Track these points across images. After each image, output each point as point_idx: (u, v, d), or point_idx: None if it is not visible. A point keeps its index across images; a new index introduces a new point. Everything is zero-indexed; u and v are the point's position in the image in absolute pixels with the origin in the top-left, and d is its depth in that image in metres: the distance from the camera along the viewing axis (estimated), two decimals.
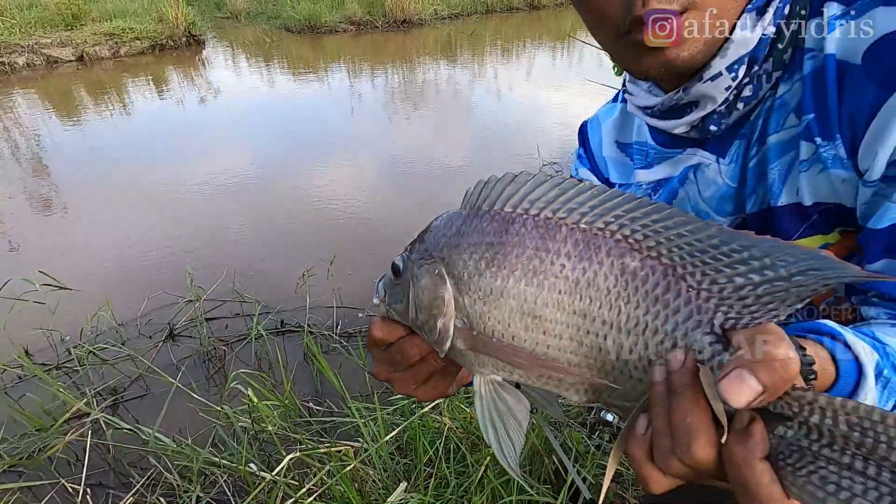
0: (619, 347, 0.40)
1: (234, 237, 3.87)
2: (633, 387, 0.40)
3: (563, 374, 0.42)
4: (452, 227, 0.46)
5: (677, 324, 0.38)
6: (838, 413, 0.33)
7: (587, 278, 0.40)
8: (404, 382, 0.52)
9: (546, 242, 0.41)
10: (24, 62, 8.51)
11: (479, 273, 0.43)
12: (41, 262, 3.56)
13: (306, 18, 10.97)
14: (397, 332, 0.50)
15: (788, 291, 0.35)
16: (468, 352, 0.45)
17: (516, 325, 0.42)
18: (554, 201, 0.42)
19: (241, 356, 2.71)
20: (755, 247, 0.37)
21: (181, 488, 1.84)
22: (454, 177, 4.77)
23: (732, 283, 0.37)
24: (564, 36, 10.33)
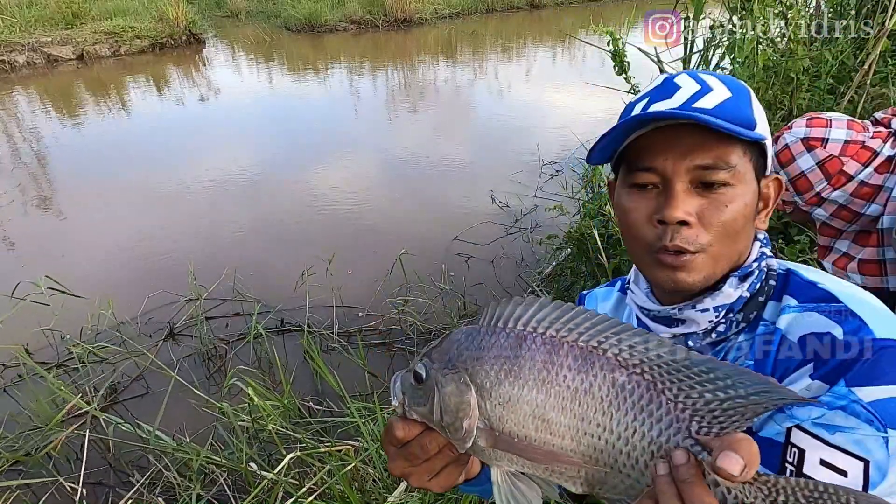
0: (611, 447, 0.48)
1: (234, 236, 3.87)
2: (622, 481, 0.49)
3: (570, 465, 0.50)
4: (474, 342, 0.54)
5: (661, 430, 0.47)
6: (796, 489, 0.42)
7: (584, 387, 0.49)
8: (420, 476, 0.59)
9: (552, 357, 0.50)
10: (25, 61, 8.51)
11: (499, 382, 0.51)
12: (41, 261, 3.56)
13: (306, 17, 10.97)
14: (416, 430, 0.56)
15: (747, 407, 0.45)
16: (488, 449, 0.53)
17: (529, 426, 0.51)
18: (557, 321, 0.51)
19: (240, 355, 2.72)
20: (719, 369, 0.47)
21: (181, 487, 1.84)
22: (455, 176, 4.77)
23: (703, 398, 0.46)
24: (565, 36, 10.32)
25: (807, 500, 0.42)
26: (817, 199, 1.34)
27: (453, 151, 5.26)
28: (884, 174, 1.27)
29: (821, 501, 0.42)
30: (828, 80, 2.44)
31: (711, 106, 0.70)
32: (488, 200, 4.17)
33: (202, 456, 1.83)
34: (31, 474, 2.06)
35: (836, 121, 1.31)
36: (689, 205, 0.70)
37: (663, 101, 0.72)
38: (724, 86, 0.74)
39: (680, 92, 0.73)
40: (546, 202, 3.99)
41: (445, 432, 0.54)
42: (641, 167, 0.73)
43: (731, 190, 0.70)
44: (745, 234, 0.73)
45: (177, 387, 2.18)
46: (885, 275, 1.31)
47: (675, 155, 0.70)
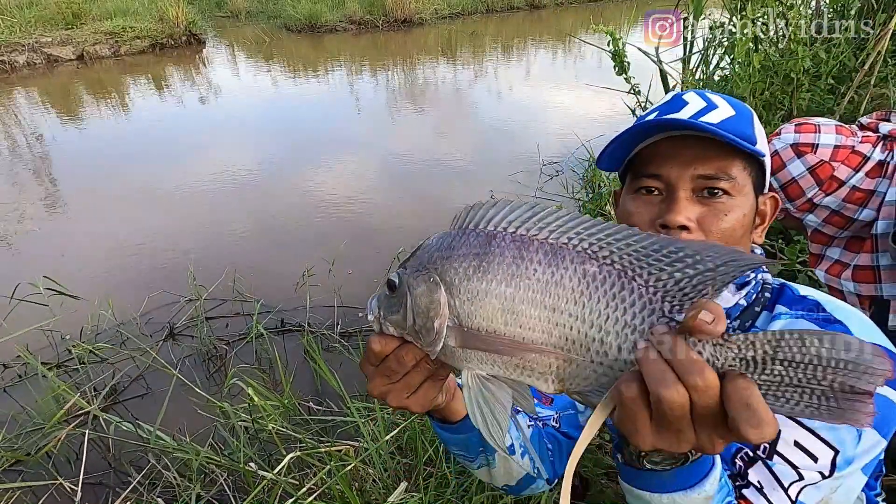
0: (583, 336, 0.49)
1: (234, 236, 3.87)
2: (595, 370, 0.49)
3: (538, 353, 0.50)
4: (444, 243, 0.54)
5: (635, 313, 0.48)
6: (763, 342, 0.44)
7: (555, 280, 0.49)
8: (398, 393, 0.59)
9: (521, 252, 0.50)
10: (25, 61, 8.51)
11: (467, 278, 0.51)
12: (41, 261, 3.56)
13: (307, 17, 10.97)
14: (393, 343, 0.56)
15: (715, 278, 0.47)
16: (458, 348, 0.53)
17: (498, 320, 0.51)
18: (527, 221, 0.52)
19: (241, 355, 2.71)
20: (687, 247, 0.48)
21: (181, 487, 1.84)
22: (455, 176, 4.77)
23: (673, 278, 0.48)
24: (565, 36, 10.32)
25: (774, 349, 0.44)
26: (809, 204, 1.34)
27: (453, 151, 5.26)
28: (875, 178, 1.27)
29: (787, 348, 0.43)
30: (828, 81, 2.44)
31: (716, 121, 0.76)
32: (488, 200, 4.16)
33: (202, 456, 1.83)
34: (31, 474, 2.06)
35: (825, 126, 1.31)
36: (690, 211, 0.74)
37: (672, 115, 0.78)
38: (729, 105, 0.79)
39: (687, 107, 0.78)
40: (546, 202, 3.97)
41: (418, 338, 0.54)
42: (648, 173, 0.78)
43: (731, 200, 0.75)
44: (743, 244, 0.77)
45: (177, 387, 2.18)
46: (880, 282, 1.31)
47: (680, 163, 0.76)
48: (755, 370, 0.44)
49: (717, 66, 3.08)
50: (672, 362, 0.45)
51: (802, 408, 0.44)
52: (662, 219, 0.75)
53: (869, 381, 0.42)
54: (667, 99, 0.83)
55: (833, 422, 0.43)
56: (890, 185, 1.24)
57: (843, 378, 0.42)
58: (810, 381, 0.43)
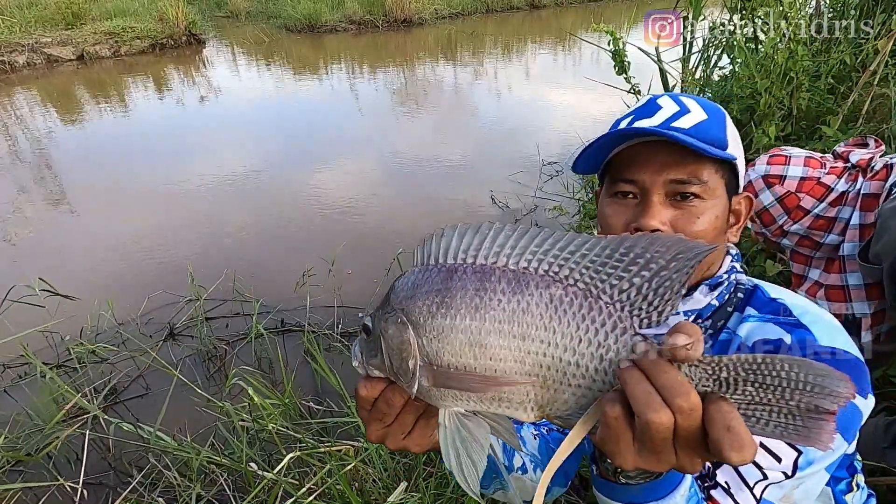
0: (557, 361, 0.48)
1: (234, 236, 3.87)
2: (573, 393, 0.49)
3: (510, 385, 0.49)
4: (408, 283, 0.54)
5: (606, 333, 0.48)
6: (737, 364, 0.45)
7: (521, 307, 0.49)
8: (395, 436, 0.59)
9: (483, 283, 0.50)
10: (25, 61, 8.51)
11: (431, 315, 0.51)
12: (39, 261, 3.56)
13: (306, 18, 10.97)
14: (379, 386, 0.56)
15: (672, 279, 0.47)
16: (432, 388, 0.52)
17: (467, 355, 0.50)
18: (483, 248, 0.51)
19: (241, 355, 2.71)
20: (635, 246, 0.48)
21: (181, 487, 1.84)
22: (455, 176, 4.77)
23: (633, 285, 0.48)
24: (565, 35, 10.32)
25: (746, 372, 0.44)
26: (780, 231, 1.49)
27: (453, 151, 5.26)
28: (837, 207, 1.40)
29: (758, 371, 0.44)
30: (828, 80, 2.44)
31: (688, 126, 0.78)
32: (488, 200, 4.17)
33: (202, 456, 1.83)
34: (32, 474, 2.06)
35: (795, 157, 1.45)
36: (663, 215, 0.76)
37: (645, 119, 0.80)
38: (701, 108, 0.81)
39: (661, 112, 0.80)
40: (546, 202, 3.99)
41: (398, 379, 0.53)
42: (623, 178, 0.80)
43: (703, 203, 0.77)
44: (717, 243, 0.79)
45: (177, 387, 2.18)
46: (850, 300, 1.42)
47: (653, 169, 0.77)
48: (727, 390, 0.45)
49: (715, 66, 3.08)
50: (657, 384, 0.45)
51: (772, 427, 0.45)
52: (637, 222, 0.77)
53: (833, 402, 0.43)
54: (642, 102, 0.85)
55: (799, 442, 0.45)
56: (854, 210, 1.35)
57: (809, 398, 0.43)
58: (779, 401, 0.44)
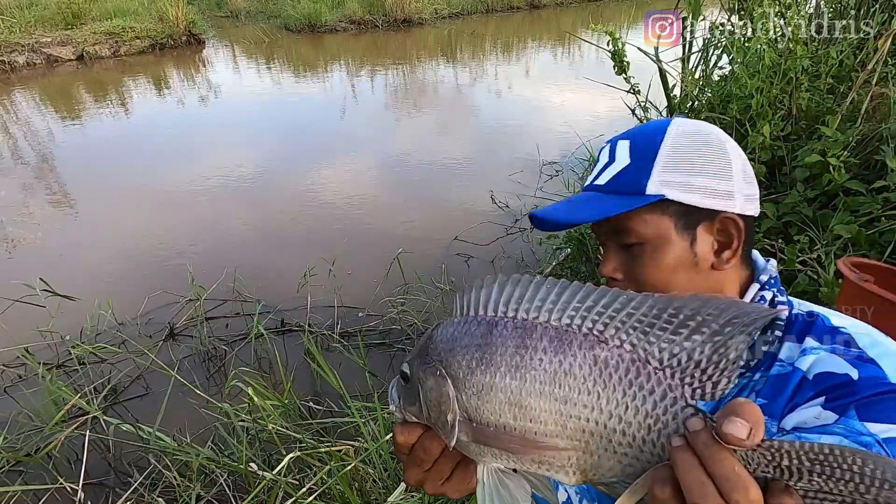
0: (602, 427, 0.46)
1: (234, 236, 3.87)
2: (619, 461, 0.47)
3: (550, 451, 0.48)
4: (447, 334, 0.53)
5: (655, 402, 0.45)
6: (800, 452, 0.41)
7: (564, 369, 0.47)
8: (433, 481, 0.58)
9: (525, 341, 0.48)
10: (25, 61, 8.51)
11: (471, 371, 0.50)
12: (41, 261, 3.57)
13: (306, 17, 10.97)
14: (416, 433, 0.55)
15: (727, 346, 0.44)
16: (471, 443, 0.51)
17: (506, 415, 0.49)
18: (525, 301, 0.50)
19: (241, 356, 2.72)
20: (685, 306, 0.45)
21: (181, 487, 1.84)
22: (455, 176, 4.77)
23: (684, 350, 0.45)
24: (564, 35, 10.31)
25: (811, 462, 0.41)
26: None
27: (453, 152, 5.26)
28: None
29: (826, 463, 0.40)
30: (827, 80, 2.44)
31: (604, 182, 0.78)
32: (488, 200, 4.17)
33: (202, 456, 1.83)
34: (32, 475, 2.06)
35: None
36: (613, 262, 0.76)
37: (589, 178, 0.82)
38: (628, 154, 0.78)
39: (596, 166, 0.81)
40: (546, 202, 3.99)
41: (437, 429, 0.53)
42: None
43: (648, 247, 0.75)
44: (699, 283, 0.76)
45: (177, 387, 2.18)
46: None
47: (594, 225, 0.79)
48: (790, 478, 0.41)
49: (715, 66, 3.08)
50: (711, 473, 0.41)
51: None
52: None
53: None
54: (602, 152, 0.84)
55: None
56: None
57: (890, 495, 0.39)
58: (852, 494, 0.40)
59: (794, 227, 2.10)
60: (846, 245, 1.89)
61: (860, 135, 2.17)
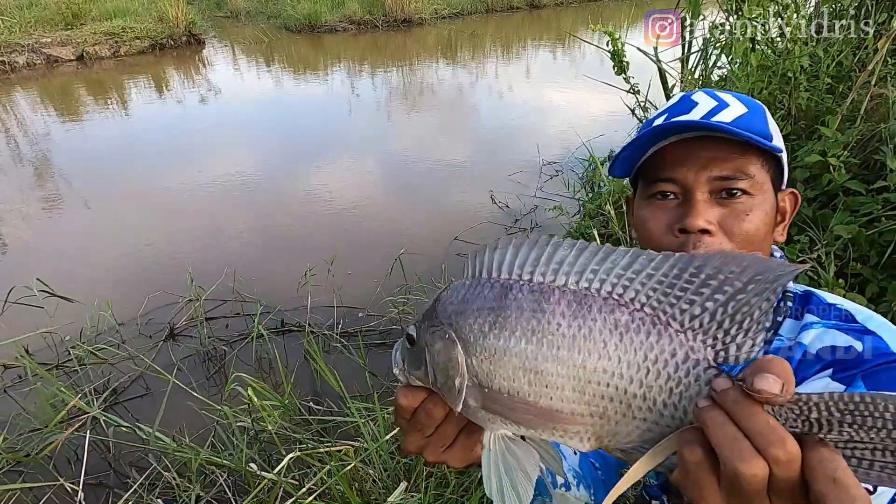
0: (622, 393, 0.45)
1: (234, 237, 3.87)
2: (637, 426, 0.45)
3: (569, 422, 0.46)
4: (458, 296, 0.51)
5: (678, 364, 0.44)
6: (829, 403, 0.40)
7: (583, 334, 0.45)
8: (434, 448, 0.56)
9: (541, 304, 0.46)
10: (24, 61, 8.51)
11: (483, 335, 0.48)
12: (41, 261, 3.57)
13: (306, 17, 10.97)
14: (420, 396, 0.54)
15: (751, 304, 0.42)
16: (479, 409, 0.49)
17: (521, 380, 0.47)
18: (540, 264, 0.48)
19: (241, 356, 2.72)
20: (705, 265, 0.43)
21: (181, 487, 1.84)
22: (455, 176, 4.77)
23: (706, 310, 0.43)
24: (564, 35, 10.32)
25: (841, 413, 0.40)
26: None
27: (453, 152, 5.26)
28: None
29: (856, 412, 0.39)
30: (826, 80, 2.44)
31: (730, 119, 0.73)
32: (488, 201, 4.17)
33: (202, 456, 1.83)
34: (32, 475, 2.06)
35: None
36: (710, 214, 0.71)
37: (682, 116, 0.74)
38: (740, 102, 0.76)
39: (698, 108, 0.75)
40: (546, 202, 3.99)
41: (442, 393, 0.51)
42: (662, 178, 0.74)
43: (751, 199, 0.72)
44: (765, 245, 0.75)
45: (177, 388, 2.18)
46: None
47: (696, 166, 0.72)
48: (821, 432, 0.40)
49: (714, 66, 3.08)
50: (744, 429, 0.40)
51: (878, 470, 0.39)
52: (682, 223, 0.71)
53: None
54: (675, 100, 0.80)
55: None
56: None
57: None
58: (884, 440, 0.39)
59: (794, 227, 2.10)
60: (846, 245, 1.89)
61: (860, 135, 2.17)
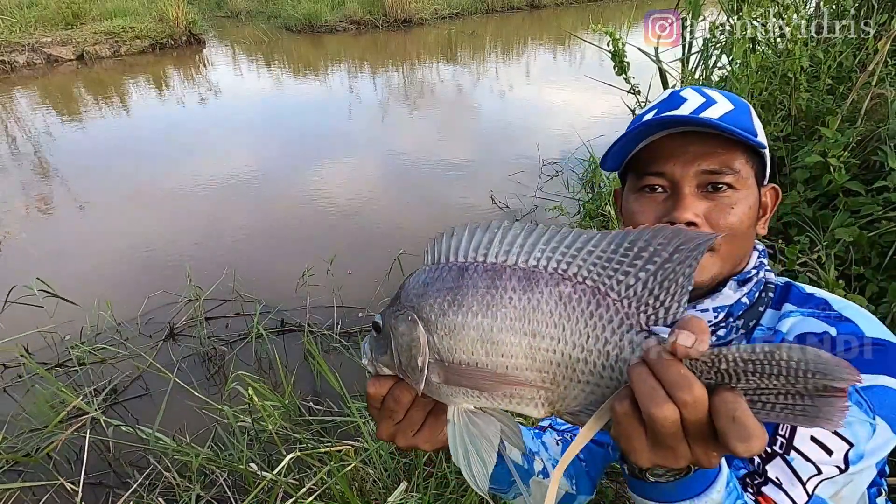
0: (567, 358, 0.49)
1: (234, 237, 3.87)
2: (582, 389, 0.50)
3: (522, 386, 0.50)
4: (419, 280, 0.54)
5: (614, 329, 0.48)
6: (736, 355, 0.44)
7: (532, 305, 0.50)
8: (405, 433, 0.60)
9: (494, 282, 0.51)
10: (25, 61, 8.51)
11: (443, 313, 0.52)
12: (39, 261, 3.56)
13: (306, 17, 10.97)
14: (388, 384, 0.57)
15: (675, 272, 0.47)
16: (442, 384, 0.53)
17: (478, 352, 0.51)
18: (494, 246, 0.52)
19: (241, 356, 2.72)
20: (638, 240, 0.48)
21: (181, 487, 1.84)
22: (455, 176, 4.77)
23: (639, 280, 0.48)
24: (564, 35, 10.32)
25: (745, 363, 0.44)
26: None
27: (453, 152, 5.26)
28: None
29: (758, 362, 0.44)
30: (827, 81, 2.44)
31: (717, 116, 0.76)
32: (488, 201, 4.17)
33: (202, 456, 1.83)
34: (32, 475, 2.06)
35: None
36: (697, 207, 0.74)
37: (671, 111, 0.77)
38: (727, 99, 0.80)
39: (686, 104, 0.78)
40: (546, 202, 3.99)
41: (407, 376, 0.54)
42: (650, 171, 0.78)
43: (736, 193, 0.76)
44: (748, 238, 0.79)
45: (177, 387, 2.18)
46: None
47: (683, 160, 0.75)
48: (729, 380, 0.45)
49: (714, 66, 3.08)
50: (661, 379, 0.45)
51: (778, 410, 0.44)
52: (670, 216, 0.75)
53: (841, 381, 0.42)
54: (664, 96, 0.83)
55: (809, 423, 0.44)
56: None
57: (816, 380, 0.43)
58: (784, 386, 0.44)
59: (794, 228, 2.10)
60: (847, 246, 1.89)
61: (860, 135, 2.17)
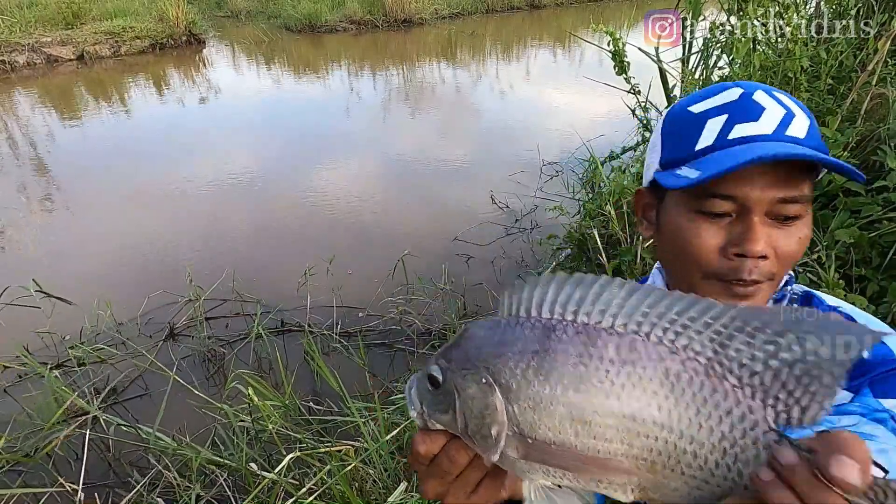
0: (671, 447, 0.42)
1: (234, 237, 3.87)
2: (686, 483, 0.43)
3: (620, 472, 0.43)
4: (494, 336, 0.46)
5: (732, 424, 0.41)
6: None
7: (632, 382, 0.42)
8: (456, 494, 0.52)
9: (588, 349, 0.43)
10: (25, 61, 8.50)
11: (527, 382, 0.44)
12: (38, 261, 3.56)
13: (307, 17, 10.97)
14: (441, 441, 0.49)
15: (822, 367, 0.38)
16: (519, 460, 0.46)
17: (567, 431, 0.43)
18: (585, 303, 0.44)
19: (241, 356, 2.72)
20: (771, 320, 0.40)
21: (181, 487, 1.84)
22: (455, 176, 4.77)
23: (769, 368, 0.40)
24: (565, 35, 10.32)
25: None
26: None
27: (453, 152, 5.26)
28: None
29: None
30: (827, 81, 2.44)
31: (802, 135, 0.67)
32: (488, 201, 4.17)
33: (202, 456, 1.83)
34: (31, 475, 2.06)
35: None
36: (769, 238, 0.67)
37: (751, 124, 0.67)
38: (799, 108, 0.69)
39: (767, 115, 0.67)
40: (546, 202, 3.99)
41: (473, 441, 0.47)
42: (719, 194, 0.67)
43: (801, 222, 0.68)
44: None
45: (177, 387, 2.18)
46: None
47: (761, 186, 0.66)
48: None
49: (715, 66, 3.08)
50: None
51: None
52: (741, 248, 0.66)
53: None
54: (733, 98, 0.69)
55: None
56: None
57: None
58: None
59: None
60: (847, 247, 1.89)
61: (859, 135, 2.17)
